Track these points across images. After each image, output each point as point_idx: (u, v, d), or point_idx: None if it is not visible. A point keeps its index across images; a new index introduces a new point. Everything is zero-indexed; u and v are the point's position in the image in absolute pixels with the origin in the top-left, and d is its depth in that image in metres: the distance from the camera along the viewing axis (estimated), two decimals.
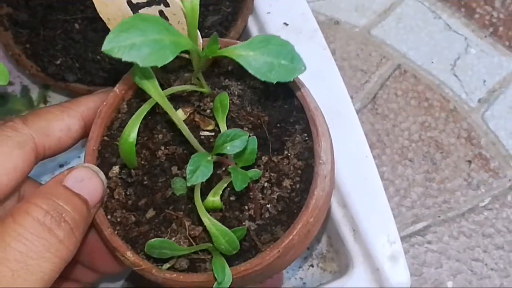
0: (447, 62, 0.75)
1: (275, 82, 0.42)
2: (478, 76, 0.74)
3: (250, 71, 0.42)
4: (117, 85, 0.49)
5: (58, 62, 0.59)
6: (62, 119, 0.47)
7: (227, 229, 0.43)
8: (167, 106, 0.44)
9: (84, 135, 0.49)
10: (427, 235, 0.66)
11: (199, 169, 0.42)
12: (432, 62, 0.75)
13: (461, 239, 0.66)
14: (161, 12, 0.46)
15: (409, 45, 0.76)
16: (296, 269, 0.63)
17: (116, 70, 0.60)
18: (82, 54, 0.60)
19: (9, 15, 0.62)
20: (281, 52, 0.42)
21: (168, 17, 0.45)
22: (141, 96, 0.50)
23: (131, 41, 0.37)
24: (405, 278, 0.55)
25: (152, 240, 0.44)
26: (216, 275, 0.42)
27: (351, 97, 0.63)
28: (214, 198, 0.45)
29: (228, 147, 0.43)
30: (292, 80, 0.43)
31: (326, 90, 0.62)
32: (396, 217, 0.58)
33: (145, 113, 0.44)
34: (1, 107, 0.67)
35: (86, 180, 0.43)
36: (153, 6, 0.45)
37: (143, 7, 0.45)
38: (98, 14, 0.60)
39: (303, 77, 0.48)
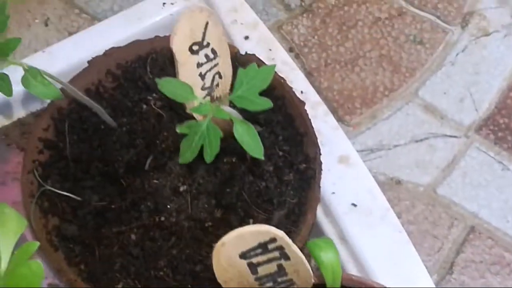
0: None
1: None
2: None
3: None
4: None
5: (119, 286, 0.53)
6: None
7: None
8: None
9: None
10: None
11: None
12: (508, 221, 0.69)
13: None
14: (279, 266, 0.44)
15: (479, 203, 0.70)
16: None
17: None
18: (143, 272, 0.53)
19: (57, 229, 0.56)
20: None
21: (286, 268, 0.43)
22: None
23: None
24: None
25: None
26: None
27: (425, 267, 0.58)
28: None
29: None
30: None
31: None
32: None
33: None
34: None
35: None
36: (273, 262, 0.43)
37: (262, 265, 0.43)
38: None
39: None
